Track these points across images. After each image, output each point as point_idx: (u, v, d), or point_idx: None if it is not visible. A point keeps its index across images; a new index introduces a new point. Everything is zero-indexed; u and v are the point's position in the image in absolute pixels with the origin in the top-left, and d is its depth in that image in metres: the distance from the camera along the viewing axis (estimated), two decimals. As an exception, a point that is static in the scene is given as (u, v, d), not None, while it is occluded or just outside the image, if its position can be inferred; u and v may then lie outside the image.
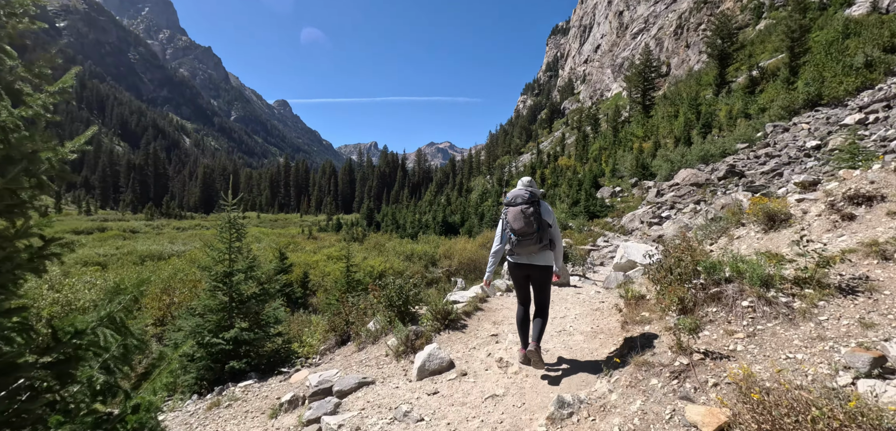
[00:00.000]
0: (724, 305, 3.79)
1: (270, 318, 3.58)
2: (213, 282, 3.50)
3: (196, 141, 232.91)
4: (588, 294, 6.93)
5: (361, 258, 14.94)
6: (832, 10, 40.65)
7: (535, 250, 3.66)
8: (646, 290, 5.55)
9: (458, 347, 4.72)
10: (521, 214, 3.60)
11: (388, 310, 5.04)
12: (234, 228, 3.78)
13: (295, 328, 5.80)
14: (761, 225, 5.95)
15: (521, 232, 3.59)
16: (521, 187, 3.81)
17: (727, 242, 6.31)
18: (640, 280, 6.61)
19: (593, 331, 4.83)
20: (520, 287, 3.89)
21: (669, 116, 40.59)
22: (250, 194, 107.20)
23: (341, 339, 4.91)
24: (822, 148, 18.55)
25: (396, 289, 5.05)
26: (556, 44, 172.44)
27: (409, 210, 39.15)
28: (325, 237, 26.61)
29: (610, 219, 22.04)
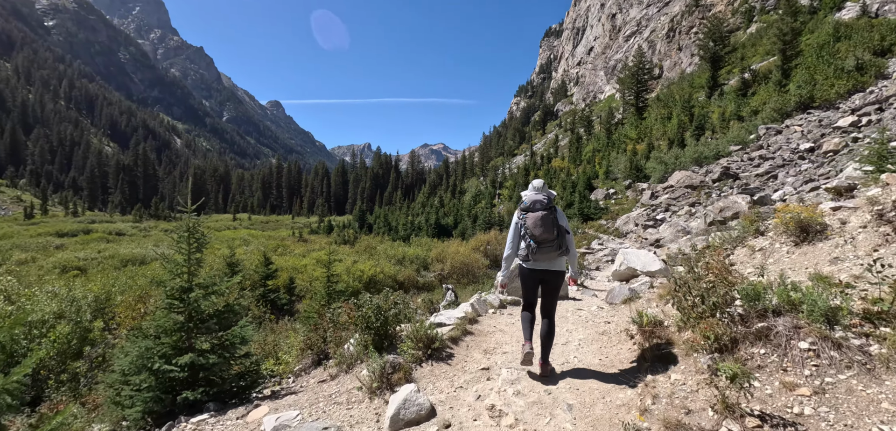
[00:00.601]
0: (775, 345, 3.03)
1: (236, 338, 3.17)
2: (167, 299, 3.10)
3: (187, 142, 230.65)
4: (590, 310, 6.30)
5: (351, 262, 14.58)
6: (822, 14, 40.96)
7: (553, 257, 3.62)
8: (660, 312, 4.86)
9: (443, 384, 3.98)
10: (541, 220, 3.53)
11: (364, 333, 4.46)
12: (193, 236, 3.36)
13: (272, 342, 5.38)
14: (791, 236, 5.16)
15: (541, 239, 3.53)
16: (536, 192, 3.72)
17: (747, 255, 5.64)
18: (646, 295, 6.14)
19: (603, 364, 4.07)
20: (529, 291, 3.82)
21: (663, 118, 40.61)
22: (242, 195, 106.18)
23: (318, 358, 4.56)
24: (815, 150, 18.48)
25: (374, 309, 4.47)
26: (549, 46, 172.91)
27: (402, 212, 38.75)
28: (315, 240, 26.18)
29: (604, 221, 21.86)
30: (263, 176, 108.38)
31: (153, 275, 9.84)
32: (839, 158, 15.41)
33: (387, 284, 13.52)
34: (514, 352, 4.51)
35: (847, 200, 6.18)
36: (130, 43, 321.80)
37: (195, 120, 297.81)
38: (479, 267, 14.69)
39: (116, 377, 2.87)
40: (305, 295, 12.63)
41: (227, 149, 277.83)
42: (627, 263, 7.65)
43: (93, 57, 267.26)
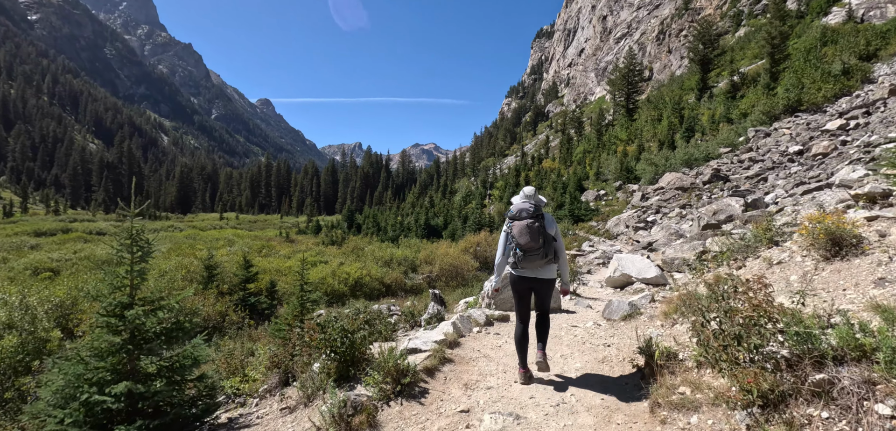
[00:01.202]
0: (842, 407, 2.26)
1: (187, 360, 2.79)
2: (103, 317, 2.71)
3: (175, 139, 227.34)
4: (585, 326, 5.70)
5: (337, 264, 14.20)
6: (809, 19, 41.42)
7: (540, 265, 3.62)
8: (672, 339, 4.17)
9: None
10: (526, 229, 3.53)
11: (328, 359, 3.86)
12: (137, 243, 2.96)
13: (242, 354, 4.98)
14: (820, 250, 4.43)
15: (526, 248, 3.54)
16: (524, 200, 3.72)
17: (763, 269, 4.97)
18: (648, 310, 5.60)
19: (607, 410, 3.29)
20: (521, 300, 3.82)
21: (653, 119, 40.73)
22: (230, 194, 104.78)
23: (285, 378, 4.19)
24: (804, 153, 18.50)
25: (339, 331, 3.87)
26: (540, 47, 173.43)
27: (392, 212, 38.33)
28: (302, 240, 25.67)
29: (594, 223, 21.71)
30: (252, 175, 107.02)
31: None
32: (829, 161, 15.39)
33: (373, 287, 13.19)
34: (500, 386, 3.88)
35: (884, 208, 5.43)
36: (117, 38, 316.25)
37: (183, 117, 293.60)
38: (469, 269, 14.40)
39: (42, 406, 2.51)
40: (290, 298, 12.24)
41: (215, 147, 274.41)
42: (622, 269, 7.36)
43: (78, 52, 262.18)
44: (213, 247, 19.18)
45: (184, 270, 10.70)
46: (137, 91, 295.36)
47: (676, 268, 7.24)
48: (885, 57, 26.90)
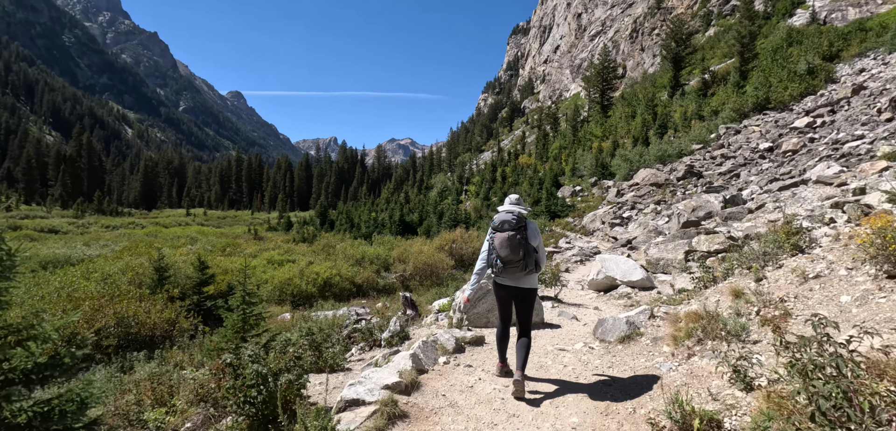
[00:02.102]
0: None
1: (72, 403, 2.14)
2: None
3: (140, 132, 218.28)
4: (575, 348, 4.80)
5: (306, 263, 13.48)
6: (775, 20, 42.67)
7: (520, 276, 3.64)
8: (700, 387, 3.19)
9: None
10: (507, 241, 3.56)
11: (241, 413, 2.83)
12: None
13: (169, 382, 4.29)
14: (879, 264, 3.54)
15: (506, 260, 3.58)
16: (507, 211, 3.73)
17: (795, 285, 4.05)
18: (649, 330, 4.69)
19: None
20: (502, 306, 3.88)
21: (627, 116, 41.15)
22: (199, 189, 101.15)
23: (213, 415, 3.59)
24: (774, 150, 18.80)
25: (253, 376, 2.83)
26: (516, 43, 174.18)
27: (365, 208, 37.51)
28: (272, 238, 24.63)
29: (571, 219, 21.59)
30: (222, 169, 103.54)
31: (61, 282, 8.47)
32: (799, 158, 15.61)
33: (344, 287, 12.56)
34: None
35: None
36: (76, 25, 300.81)
37: (148, 109, 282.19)
38: (444, 267, 13.92)
39: None
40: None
41: (183, 140, 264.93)
42: (606, 271, 6.93)
43: (33, 39, 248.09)
44: (174, 245, 18.10)
45: (131, 272, 9.83)
46: (99, 81, 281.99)
47: (662, 269, 6.91)
48: (846, 58, 27.79)
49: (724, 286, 5.02)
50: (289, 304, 11.43)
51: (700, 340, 3.58)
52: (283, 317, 9.95)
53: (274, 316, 10.11)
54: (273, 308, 10.73)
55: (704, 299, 4.88)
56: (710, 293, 5.05)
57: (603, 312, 6.21)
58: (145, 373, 5.44)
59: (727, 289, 4.71)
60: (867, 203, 4.83)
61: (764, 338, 3.40)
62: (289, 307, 11.13)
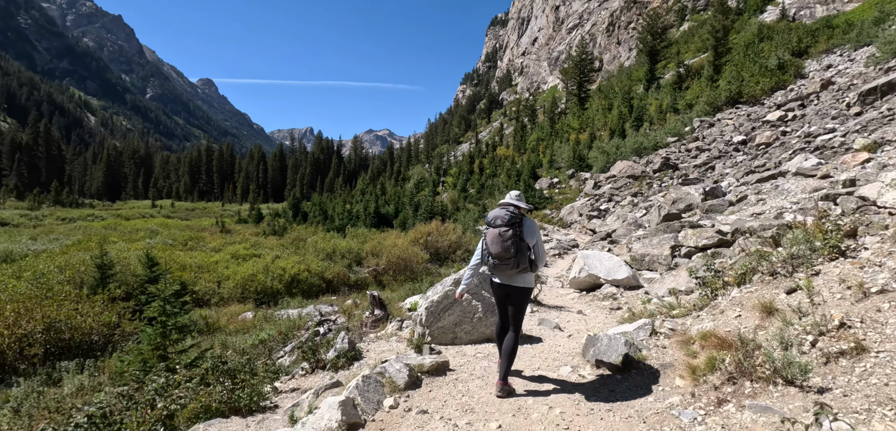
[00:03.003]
0: None
1: None
2: None
3: (104, 120, 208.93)
4: (561, 373, 4.07)
5: (272, 259, 12.75)
6: (747, 16, 43.49)
7: (513, 274, 3.53)
8: None
9: None
10: (498, 237, 3.46)
11: None
12: None
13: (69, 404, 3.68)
14: None
15: (498, 256, 3.48)
16: (502, 209, 3.60)
17: (851, 299, 3.22)
18: (655, 353, 3.90)
19: None
20: (499, 305, 3.82)
21: (604, 108, 41.36)
22: (167, 180, 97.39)
23: None
24: (748, 143, 18.96)
25: None
26: (494, 35, 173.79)
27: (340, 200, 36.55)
28: (240, 230, 23.59)
29: (548, 211, 21.39)
30: (191, 159, 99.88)
31: None
32: (773, 151, 15.70)
33: (313, 283, 11.91)
34: None
35: None
36: (33, 6, 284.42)
37: (113, 96, 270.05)
38: (419, 262, 13.41)
39: None
40: (213, 297, 10.71)
41: (151, 129, 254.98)
42: (589, 269, 6.49)
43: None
44: (131, 239, 17.00)
45: (71, 270, 8.91)
46: (59, 66, 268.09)
47: (648, 265, 6.54)
48: (814, 54, 28.44)
49: (742, 296, 4.15)
50: (252, 302, 10.73)
51: (732, 378, 2.66)
52: (245, 317, 9.28)
53: (234, 316, 9.43)
54: (234, 307, 10.03)
55: (719, 312, 4.07)
56: (724, 304, 4.20)
57: (588, 317, 5.77)
58: (74, 386, 4.76)
59: (749, 302, 3.90)
60: (863, 195, 4.59)
61: (835, 384, 2.54)
62: (252, 305, 10.44)
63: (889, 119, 11.30)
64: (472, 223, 21.26)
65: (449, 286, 5.28)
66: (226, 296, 10.78)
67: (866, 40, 24.62)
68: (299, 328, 6.60)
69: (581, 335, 5.01)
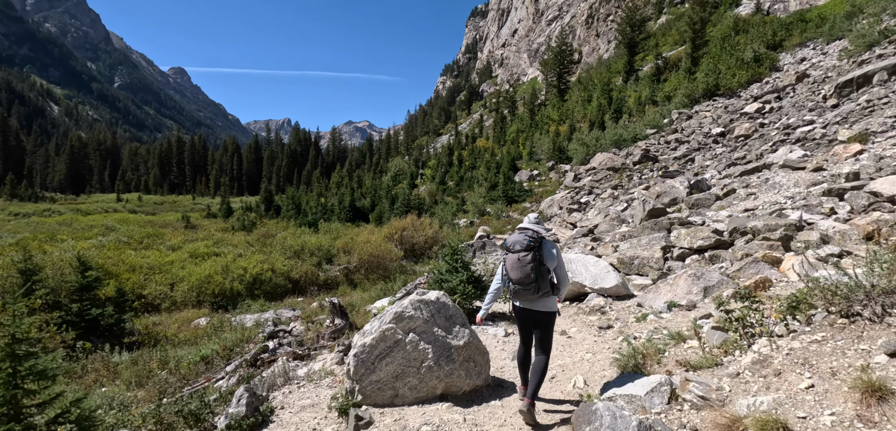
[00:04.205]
0: None
1: None
2: None
3: (68, 109, 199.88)
4: None
5: (232, 258, 11.87)
6: (723, 9, 43.90)
7: (534, 299, 3.44)
8: None
9: None
10: (518, 262, 3.40)
11: None
12: None
13: None
14: None
15: (519, 282, 3.42)
16: (521, 233, 3.52)
17: None
18: (668, 421, 2.85)
19: None
20: (523, 329, 3.72)
21: (583, 100, 41.22)
22: (135, 172, 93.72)
23: None
24: (726, 135, 18.86)
25: None
26: (475, 26, 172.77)
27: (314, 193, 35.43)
28: (207, 226, 22.41)
29: (528, 204, 20.96)
30: (161, 151, 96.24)
31: None
32: (752, 143, 15.56)
33: (278, 283, 11.11)
34: None
35: None
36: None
37: (78, 85, 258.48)
38: (393, 259, 12.73)
39: None
40: (165, 301, 9.81)
41: (119, 119, 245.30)
42: (572, 276, 5.88)
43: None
44: (84, 236, 15.79)
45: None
46: (18, 52, 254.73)
47: (637, 269, 5.95)
48: (788, 47, 28.75)
49: (804, 349, 3.00)
50: (208, 306, 9.89)
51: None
52: (198, 323, 8.46)
53: (186, 322, 8.60)
54: (188, 312, 9.19)
55: (773, 375, 2.88)
56: (777, 361, 3.01)
57: (573, 341, 4.92)
58: None
59: (823, 363, 2.76)
60: (874, 191, 4.15)
61: None
62: (208, 309, 9.61)
63: (869, 111, 11.15)
64: (450, 217, 20.66)
65: (388, 322, 3.97)
66: (179, 300, 9.90)
67: (838, 34, 24.92)
68: (249, 341, 5.88)
69: (567, 378, 4.09)
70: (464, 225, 19.26)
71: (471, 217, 20.74)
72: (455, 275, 5.78)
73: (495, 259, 10.05)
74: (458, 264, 5.92)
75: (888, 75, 14.27)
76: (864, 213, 3.91)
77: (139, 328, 7.74)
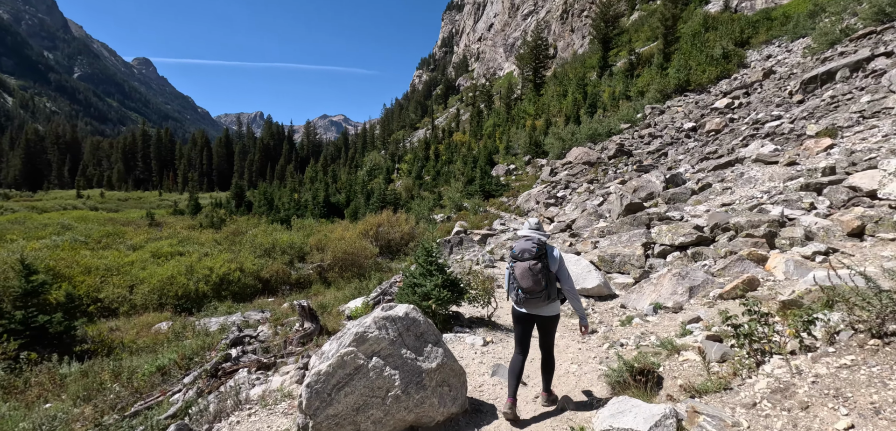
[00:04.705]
0: None
1: None
2: None
3: (23, 101, 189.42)
4: None
5: (198, 258, 11.29)
6: (693, 6, 44.92)
7: (544, 305, 3.47)
8: None
9: None
10: (528, 272, 3.37)
11: None
12: None
13: None
14: None
15: (529, 290, 3.40)
16: (526, 239, 3.53)
17: None
18: None
19: None
20: (524, 332, 3.68)
21: (559, 95, 41.53)
22: (98, 167, 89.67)
23: None
24: (698, 129, 19.22)
25: None
26: (451, 20, 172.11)
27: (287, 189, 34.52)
28: (173, 223, 21.46)
29: (505, 198, 20.91)
30: (125, 145, 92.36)
31: None
32: (723, 137, 15.87)
33: (246, 283, 10.64)
34: None
35: None
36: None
37: (34, 75, 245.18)
38: (368, 256, 12.41)
39: None
40: (122, 305, 9.22)
41: (80, 112, 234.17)
42: None
43: None
44: (37, 236, 14.82)
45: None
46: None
47: (618, 267, 5.77)
48: (755, 44, 29.61)
49: (832, 376, 2.59)
50: (171, 309, 9.36)
51: None
52: (159, 327, 7.97)
53: (147, 327, 8.10)
54: (148, 316, 8.65)
55: (800, 408, 2.45)
56: (802, 390, 2.59)
57: (556, 347, 4.42)
58: None
59: (861, 397, 2.36)
60: (853, 186, 4.13)
61: None
62: (170, 313, 9.09)
63: (834, 107, 11.45)
64: (426, 212, 20.41)
65: (348, 344, 3.40)
66: (139, 303, 9.33)
67: (802, 32, 25.77)
68: (210, 348, 5.51)
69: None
70: (440, 220, 19.05)
71: (448, 212, 20.54)
72: (429, 279, 5.26)
73: (472, 257, 9.88)
74: (432, 266, 5.36)
75: (850, 72, 14.75)
76: (844, 208, 3.89)
77: (93, 336, 7.22)
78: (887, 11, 18.98)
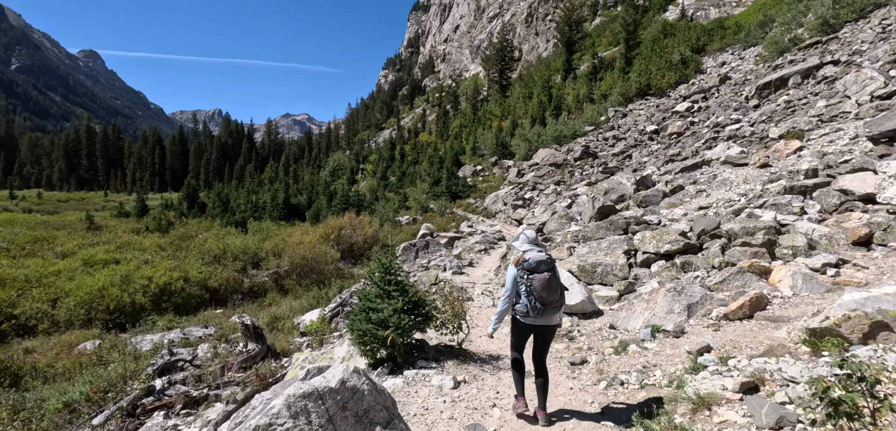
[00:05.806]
0: None
1: None
2: None
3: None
4: None
5: (135, 266, 10.22)
6: (652, 13, 46.37)
7: (554, 315, 3.46)
8: None
9: None
10: (548, 283, 3.32)
11: None
12: None
13: None
14: None
15: (548, 302, 3.33)
16: (538, 251, 3.44)
17: None
18: None
19: None
20: (522, 342, 3.62)
21: (524, 97, 41.79)
22: (37, 165, 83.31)
23: None
24: (660, 132, 19.54)
25: None
26: (417, 20, 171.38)
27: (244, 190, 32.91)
28: (116, 226, 19.80)
29: (472, 200, 20.58)
30: (68, 142, 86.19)
31: None
32: (685, 140, 16.12)
33: (192, 293, 9.70)
34: None
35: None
36: None
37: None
38: (328, 261, 11.69)
39: None
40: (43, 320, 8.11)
41: (18, 106, 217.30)
42: None
43: None
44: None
45: None
46: None
47: (600, 278, 5.40)
48: (710, 51, 30.76)
49: None
50: (100, 325, 8.34)
51: None
52: (83, 347, 7.01)
53: (70, 347, 7.12)
54: (73, 335, 7.63)
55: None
56: None
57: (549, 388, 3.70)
58: None
59: None
60: (844, 189, 3.93)
61: None
62: (99, 329, 8.09)
63: (791, 111, 11.72)
64: (391, 214, 19.78)
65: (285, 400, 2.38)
66: (62, 319, 8.26)
67: (753, 41, 26.89)
68: (133, 378, 4.74)
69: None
70: (406, 223, 18.48)
71: (413, 214, 19.99)
72: (388, 302, 4.34)
73: (438, 262, 9.39)
74: (391, 286, 4.45)
75: (802, 78, 15.30)
76: (837, 212, 3.68)
77: (26, 349, 6.22)
78: (831, 23, 19.98)
